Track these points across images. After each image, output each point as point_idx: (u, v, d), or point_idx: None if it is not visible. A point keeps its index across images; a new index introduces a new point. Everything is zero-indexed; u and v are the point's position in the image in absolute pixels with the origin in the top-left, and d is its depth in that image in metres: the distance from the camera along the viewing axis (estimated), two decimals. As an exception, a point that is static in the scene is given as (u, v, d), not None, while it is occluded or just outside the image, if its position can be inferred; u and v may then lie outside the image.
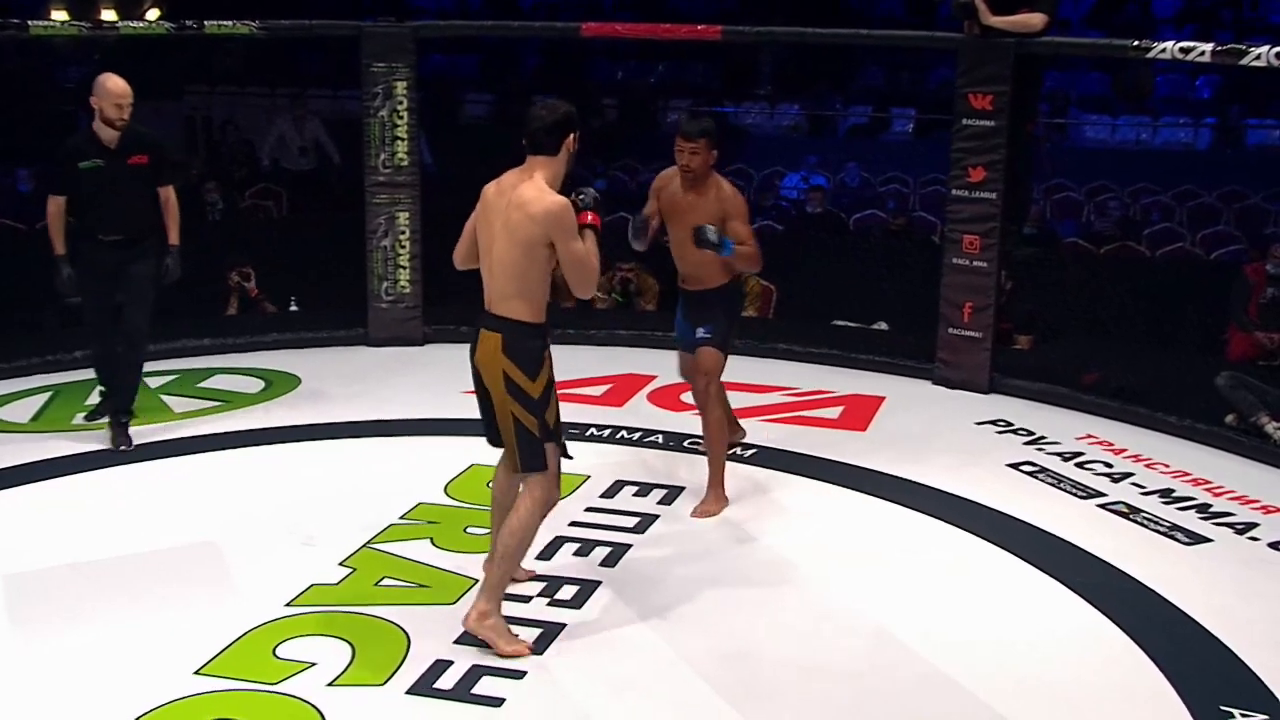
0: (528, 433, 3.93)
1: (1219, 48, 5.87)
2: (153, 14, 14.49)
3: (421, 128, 7.50)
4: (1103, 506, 5.28)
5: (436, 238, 7.60)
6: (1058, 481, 5.55)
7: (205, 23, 7.10)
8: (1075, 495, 5.41)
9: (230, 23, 7.21)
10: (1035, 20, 6.46)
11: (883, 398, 6.71)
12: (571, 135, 3.92)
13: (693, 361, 5.26)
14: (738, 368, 7.19)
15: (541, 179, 3.88)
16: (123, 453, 5.73)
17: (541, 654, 3.94)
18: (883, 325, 7.91)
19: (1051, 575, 4.59)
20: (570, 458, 4.11)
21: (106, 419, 5.94)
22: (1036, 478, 5.61)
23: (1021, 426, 6.29)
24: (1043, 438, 6.11)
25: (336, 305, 7.68)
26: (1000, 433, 6.24)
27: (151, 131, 5.99)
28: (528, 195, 3.84)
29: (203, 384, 6.81)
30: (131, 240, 5.79)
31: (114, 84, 5.64)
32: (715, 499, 5.16)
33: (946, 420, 6.42)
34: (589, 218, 3.94)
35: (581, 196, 3.97)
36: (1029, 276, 7.27)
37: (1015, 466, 5.74)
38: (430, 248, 7.48)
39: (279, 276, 8.20)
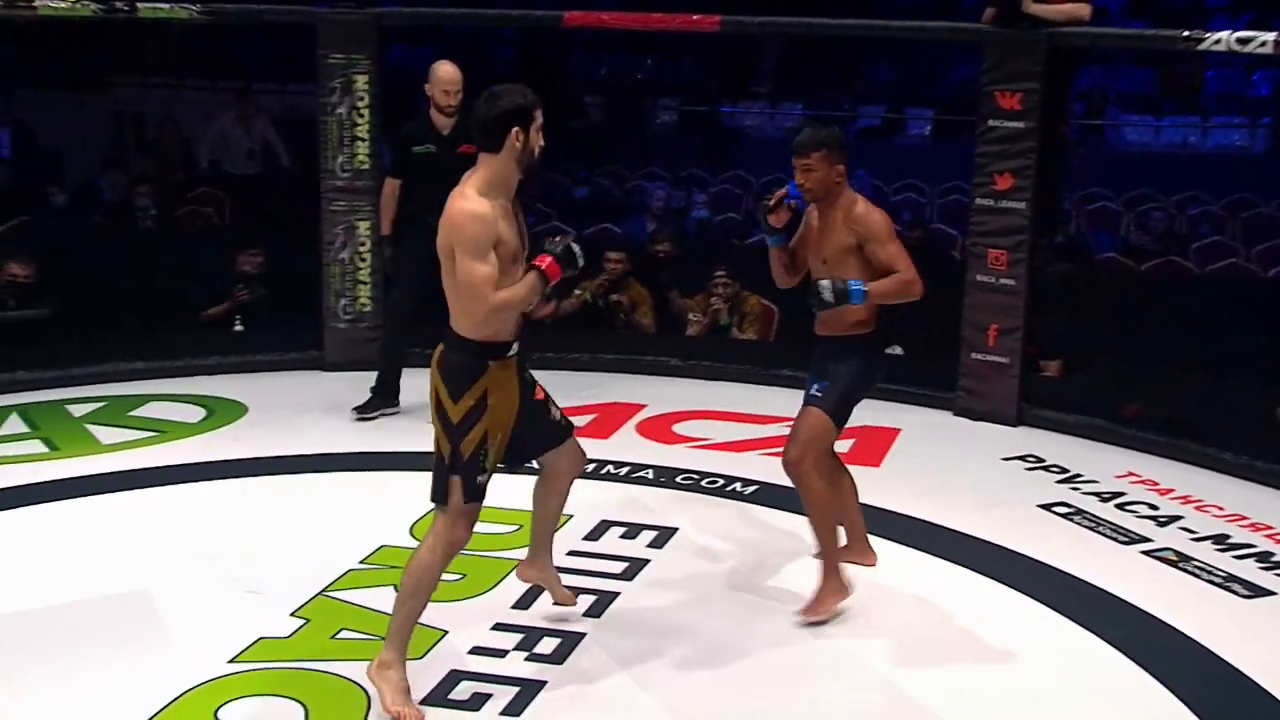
0: (439, 457, 3.92)
1: (1281, 37, 5.87)
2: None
3: (384, 127, 7.52)
4: (1147, 553, 5.28)
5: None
6: (1096, 525, 5.56)
7: (138, 4, 7.09)
8: (1116, 540, 5.41)
9: (168, 5, 7.20)
10: (1083, 11, 6.49)
11: (898, 430, 6.74)
12: (516, 129, 3.78)
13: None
14: (735, 395, 7.26)
15: (476, 181, 3.80)
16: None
17: (519, 716, 3.94)
18: (897, 350, 7.87)
19: (1089, 629, 4.58)
20: (476, 499, 3.92)
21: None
22: (1072, 520, 5.62)
23: (1054, 463, 6.31)
24: (1078, 475, 6.14)
25: (288, 325, 7.68)
26: (1030, 469, 6.27)
27: None
28: (449, 201, 3.81)
29: (135, 412, 6.81)
30: None
31: (444, 71, 6.46)
32: (827, 594, 4.58)
33: (969, 455, 6.44)
34: (545, 262, 3.84)
35: (555, 242, 3.90)
36: (1060, 295, 7.27)
37: (1047, 507, 5.76)
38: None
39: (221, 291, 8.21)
